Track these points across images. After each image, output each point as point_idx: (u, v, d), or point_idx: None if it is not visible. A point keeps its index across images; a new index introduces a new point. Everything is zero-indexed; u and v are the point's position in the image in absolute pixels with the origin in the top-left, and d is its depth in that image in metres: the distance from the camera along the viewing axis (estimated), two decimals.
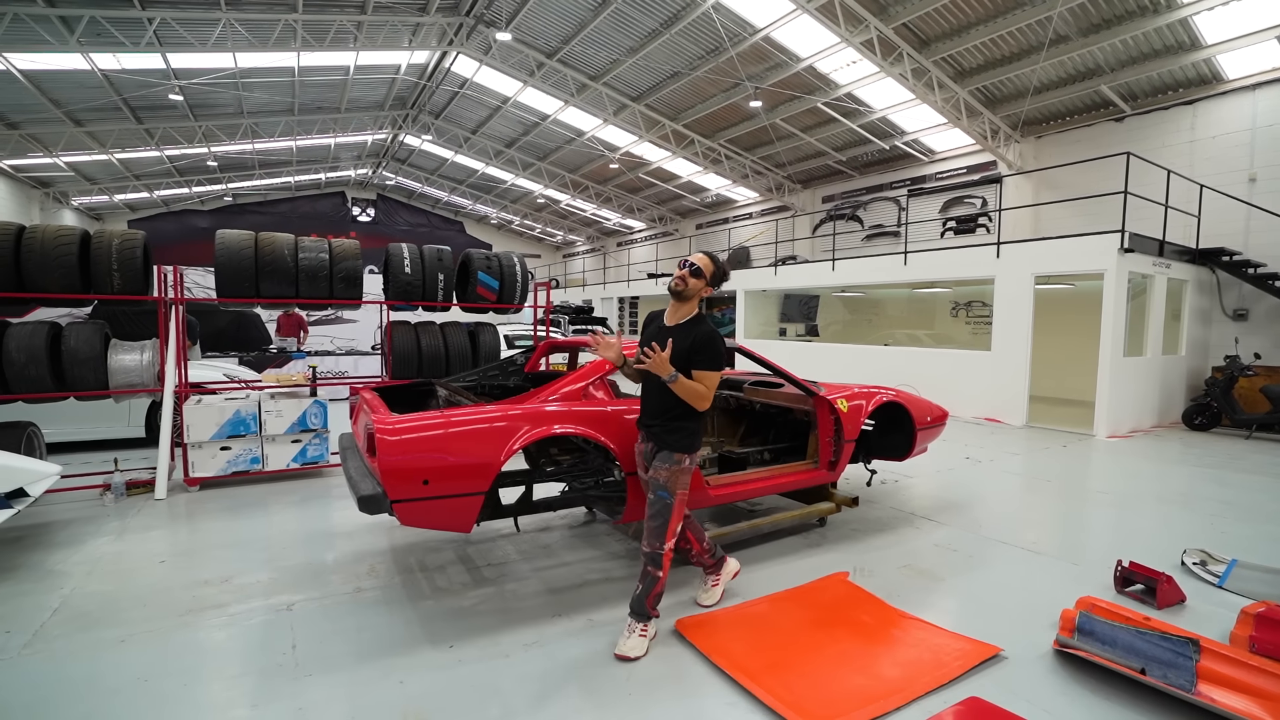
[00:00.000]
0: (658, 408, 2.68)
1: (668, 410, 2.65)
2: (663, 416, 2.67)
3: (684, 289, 2.66)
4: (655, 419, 2.68)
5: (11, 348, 4.36)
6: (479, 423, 2.73)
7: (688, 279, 2.64)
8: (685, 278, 2.65)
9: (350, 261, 5.36)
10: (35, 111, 13.14)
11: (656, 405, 2.68)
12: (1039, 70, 11.00)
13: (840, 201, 17.27)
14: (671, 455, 2.64)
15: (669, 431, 2.65)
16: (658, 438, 2.67)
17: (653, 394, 2.70)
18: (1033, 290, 9.00)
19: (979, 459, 6.66)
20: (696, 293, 2.67)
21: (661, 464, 2.65)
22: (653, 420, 2.69)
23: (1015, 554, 3.84)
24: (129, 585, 3.25)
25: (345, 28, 11.65)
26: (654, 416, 2.69)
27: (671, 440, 2.64)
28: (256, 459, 5.17)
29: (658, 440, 2.67)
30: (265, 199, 23.19)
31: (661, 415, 2.67)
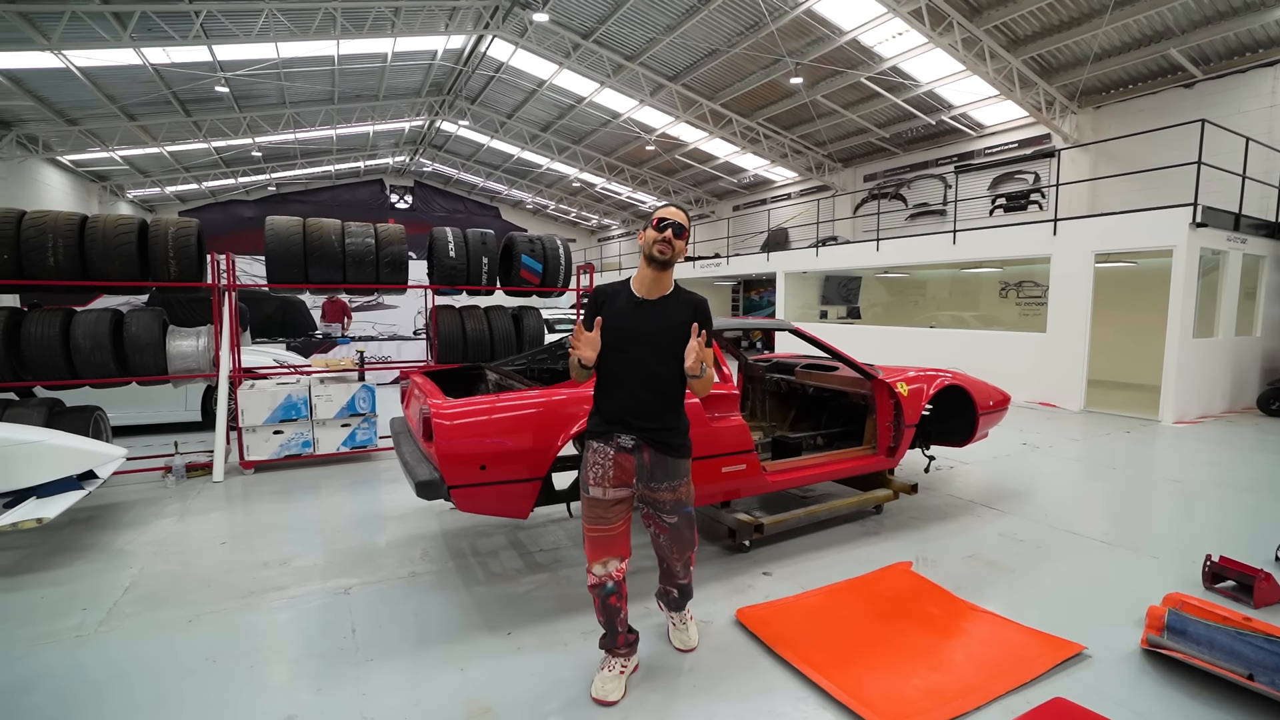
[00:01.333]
0: (655, 405, 2.18)
1: (669, 407, 2.21)
2: (663, 416, 2.20)
3: (670, 255, 2.16)
4: (652, 420, 2.18)
5: (78, 334, 4.50)
6: (536, 407, 2.68)
7: (673, 242, 2.15)
8: (670, 241, 2.14)
9: (396, 246, 5.38)
10: (92, 107, 13.57)
11: (652, 402, 2.18)
12: (1100, 35, 10.37)
13: (883, 180, 16.73)
14: (681, 464, 2.23)
15: (674, 434, 2.22)
16: (660, 443, 2.18)
17: (642, 388, 2.17)
18: (1093, 269, 8.57)
19: (1036, 445, 6.39)
20: (679, 257, 2.19)
21: (675, 479, 2.22)
22: (649, 423, 2.17)
23: (1087, 545, 3.64)
24: (193, 566, 3.33)
25: (383, 14, 11.67)
26: (650, 417, 2.17)
27: (678, 444, 2.22)
28: (308, 443, 5.26)
29: (660, 446, 2.18)
30: (307, 188, 23.72)
31: (661, 414, 2.19)
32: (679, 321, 2.16)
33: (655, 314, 2.17)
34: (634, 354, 2.15)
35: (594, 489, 2.19)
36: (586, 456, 2.22)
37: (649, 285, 2.20)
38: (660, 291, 2.21)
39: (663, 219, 2.15)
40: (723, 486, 3.19)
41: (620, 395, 2.18)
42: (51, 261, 4.38)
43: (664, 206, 2.20)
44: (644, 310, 2.18)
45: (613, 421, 2.19)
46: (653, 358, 2.15)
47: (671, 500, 2.23)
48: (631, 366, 2.16)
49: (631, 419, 2.17)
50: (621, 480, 2.18)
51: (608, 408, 2.21)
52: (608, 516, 2.18)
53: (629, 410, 2.17)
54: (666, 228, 2.14)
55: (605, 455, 2.19)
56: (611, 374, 2.19)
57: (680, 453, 2.23)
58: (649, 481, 2.20)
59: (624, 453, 2.18)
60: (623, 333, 2.15)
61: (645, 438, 2.18)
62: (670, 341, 2.14)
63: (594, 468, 2.19)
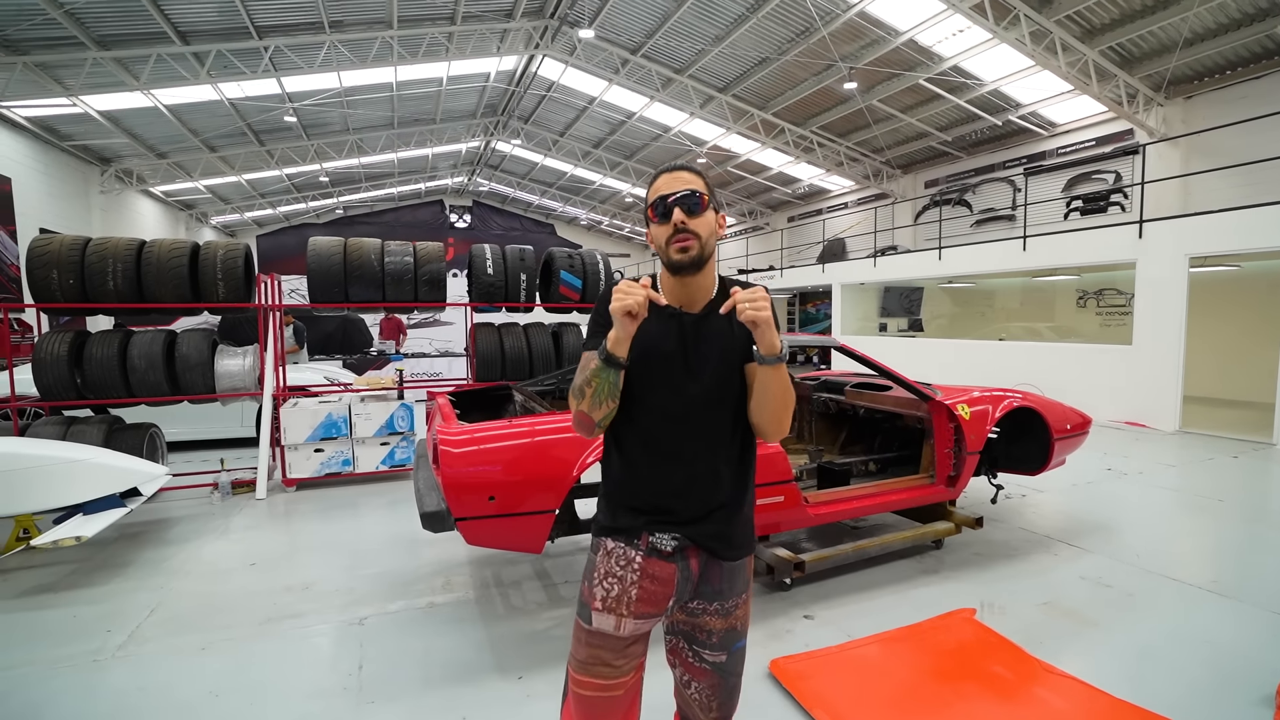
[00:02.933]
0: (711, 480, 1.36)
1: (734, 479, 1.39)
2: (725, 497, 1.37)
3: (698, 248, 1.32)
4: (709, 506, 1.36)
5: (134, 354, 4.67)
6: (548, 433, 2.51)
7: (692, 227, 1.31)
8: (688, 229, 1.31)
9: (434, 264, 5.38)
10: (178, 141, 14.59)
11: (706, 476, 1.36)
12: (1191, 18, 9.51)
13: (946, 185, 15.95)
14: (744, 569, 1.43)
15: (740, 523, 1.41)
16: (720, 540, 1.37)
17: (689, 454, 1.35)
18: (1187, 274, 7.77)
19: (1124, 470, 5.76)
20: (713, 237, 1.37)
21: (733, 596, 1.40)
22: (703, 510, 1.36)
23: (1191, 595, 3.15)
24: (220, 587, 3.32)
25: (437, 39, 12.03)
26: (704, 501, 1.36)
27: (744, 538, 1.42)
28: (348, 461, 5.29)
29: (719, 547, 1.37)
30: (372, 210, 24.77)
31: (722, 494, 1.37)
32: (741, 338, 1.35)
33: (701, 331, 1.36)
34: (673, 398, 1.34)
35: (602, 617, 1.35)
36: (594, 562, 1.40)
37: (682, 293, 1.39)
38: (703, 298, 1.39)
39: (662, 196, 1.32)
40: (758, 520, 2.92)
41: (654, 469, 1.36)
42: (111, 285, 4.56)
43: (660, 173, 1.37)
44: (682, 328, 1.37)
45: (642, 511, 1.36)
46: (705, 402, 1.34)
47: (722, 630, 1.39)
48: (670, 420, 1.34)
49: (675, 506, 1.35)
50: (651, 606, 1.35)
51: (633, 489, 1.38)
52: (616, 665, 1.35)
53: (670, 492, 1.35)
54: (673, 207, 1.31)
55: (628, 564, 1.35)
56: (637, 434, 1.37)
57: (744, 550, 1.42)
58: (691, 600, 1.39)
59: (659, 560, 1.35)
60: (651, 365, 1.33)
61: (696, 535, 1.35)
62: (726, 369, 1.36)
63: (606, 581, 1.36)
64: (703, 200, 1.33)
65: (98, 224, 14.06)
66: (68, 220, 12.79)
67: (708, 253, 1.35)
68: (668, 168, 1.38)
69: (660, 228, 1.35)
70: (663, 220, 1.34)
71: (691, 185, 1.34)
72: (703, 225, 1.33)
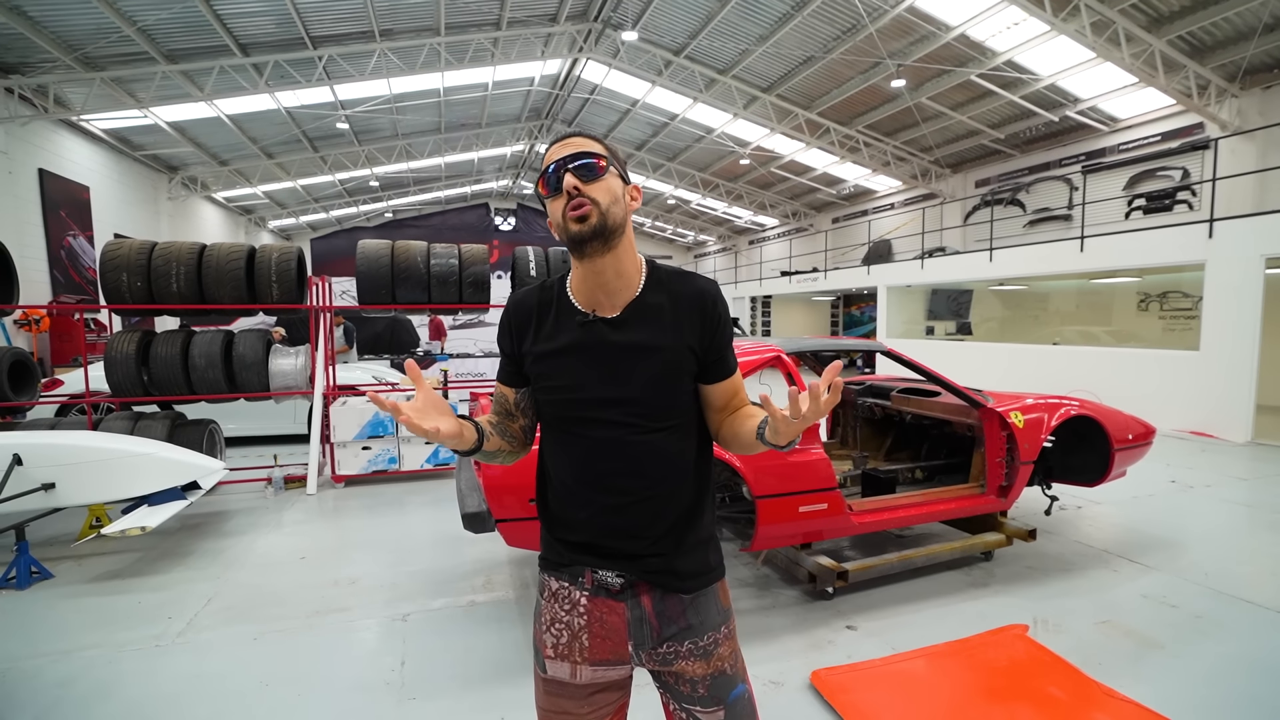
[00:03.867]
0: (651, 507, 1.16)
1: (679, 503, 1.18)
2: (670, 525, 1.17)
3: (597, 217, 1.09)
4: (650, 535, 1.16)
5: (195, 354, 4.90)
6: None
7: (588, 192, 1.10)
8: (584, 194, 1.10)
9: (478, 267, 5.48)
10: (239, 149, 15.29)
11: (645, 503, 1.15)
12: (1271, 2, 8.93)
13: (997, 185, 15.39)
14: (712, 598, 1.21)
15: (693, 549, 1.19)
16: (668, 573, 1.17)
17: (623, 480, 1.15)
18: (1263, 275, 7.30)
19: (1190, 483, 5.44)
20: (619, 207, 1.13)
21: (705, 630, 1.18)
22: (645, 543, 1.16)
23: (1266, 618, 2.95)
24: (272, 579, 3.44)
25: (483, 45, 12.27)
26: (644, 531, 1.16)
27: (700, 562, 1.20)
28: (394, 459, 5.43)
29: (668, 579, 1.17)
30: (420, 213, 25.42)
31: (666, 522, 1.17)
32: (671, 341, 1.14)
33: (626, 339, 1.14)
34: (597, 426, 1.13)
35: (556, 665, 1.19)
36: (540, 605, 1.25)
37: (596, 287, 1.15)
38: (623, 293, 1.16)
39: (551, 163, 1.13)
40: (801, 528, 2.88)
41: (586, 499, 1.16)
42: (174, 287, 4.80)
43: (550, 145, 1.18)
44: (597, 335, 1.14)
45: (580, 548, 1.19)
46: (635, 422, 1.12)
47: (707, 676, 1.18)
48: (598, 448, 1.14)
49: (616, 540, 1.16)
50: (608, 652, 1.18)
51: (567, 521, 1.20)
52: (581, 714, 1.20)
53: (604, 524, 1.16)
54: (563, 174, 1.11)
55: (573, 606, 1.19)
56: (564, 460, 1.18)
57: (707, 575, 1.21)
58: (656, 645, 1.18)
59: (608, 598, 1.18)
60: (562, 387, 1.15)
61: (646, 570, 1.16)
62: (665, 384, 1.14)
63: (554, 627, 1.20)
64: (598, 162, 1.13)
65: (165, 229, 14.85)
66: (139, 226, 13.55)
67: (612, 222, 1.11)
68: (557, 137, 1.18)
69: (554, 201, 1.14)
70: (555, 192, 1.14)
71: (584, 148, 1.14)
72: (601, 190, 1.11)
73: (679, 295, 1.18)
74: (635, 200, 1.20)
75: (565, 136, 1.18)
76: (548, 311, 1.20)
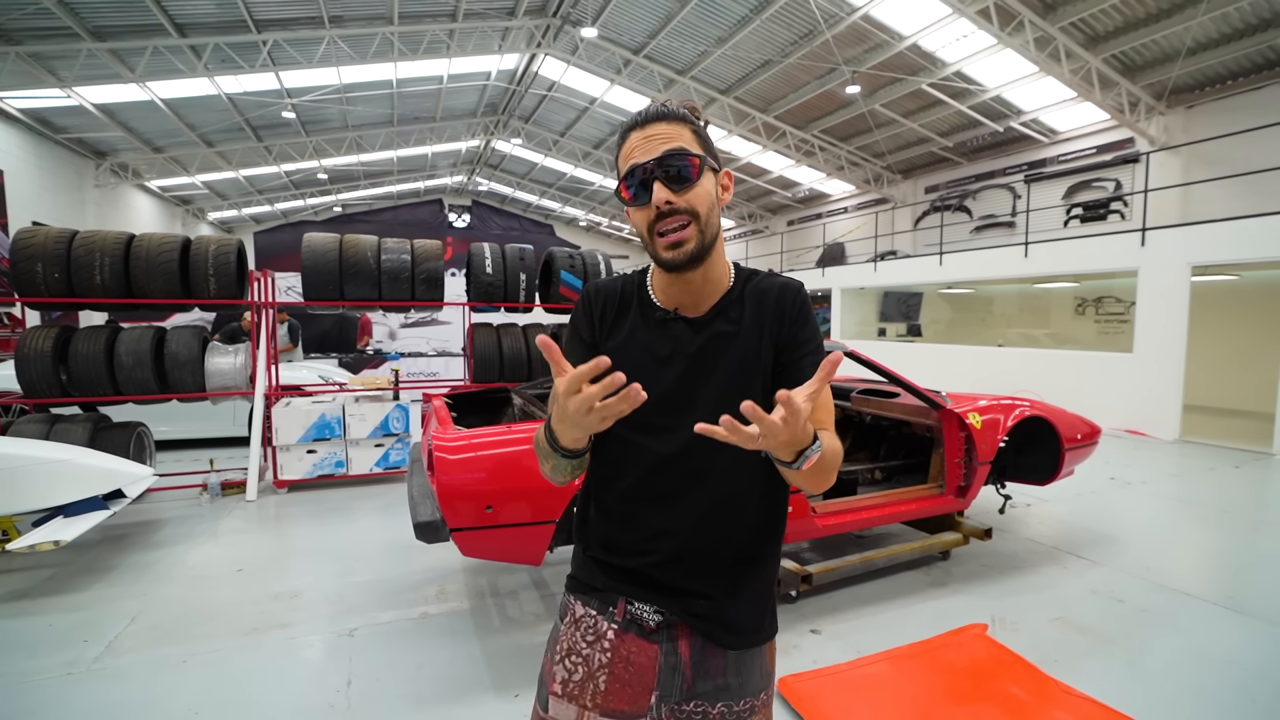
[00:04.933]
0: (718, 539, 1.01)
1: (749, 539, 1.04)
2: (734, 561, 1.03)
3: (698, 236, 0.96)
4: (711, 573, 1.01)
5: (121, 351, 4.55)
6: None
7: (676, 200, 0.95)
8: (671, 203, 0.94)
9: (432, 263, 5.28)
10: (175, 136, 14.43)
11: (712, 533, 1.01)
12: (1194, 28, 9.48)
13: (946, 191, 15.92)
14: (760, 657, 1.06)
15: (752, 599, 1.04)
16: (720, 622, 1.02)
17: (689, 503, 1.01)
18: (1189, 282, 7.73)
19: (1128, 480, 5.69)
20: (716, 211, 1.01)
21: (745, 695, 1.03)
22: (703, 579, 1.01)
23: (1207, 611, 3.06)
24: (205, 595, 3.20)
25: (438, 36, 11.93)
26: (704, 567, 1.01)
27: (756, 614, 1.05)
28: (341, 462, 5.18)
29: (719, 629, 1.02)
30: (370, 208, 24.61)
31: (731, 558, 1.02)
32: (753, 345, 1.01)
33: (708, 340, 1.02)
34: (666, 433, 0.98)
35: (561, 706, 1.04)
36: (559, 630, 1.09)
37: (682, 290, 1.03)
38: (710, 294, 1.04)
39: (635, 166, 0.95)
40: None
41: (638, 518, 1.02)
42: (98, 280, 4.45)
43: (629, 130, 0.99)
44: (679, 337, 1.02)
45: (619, 574, 1.04)
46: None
47: None
48: (662, 460, 1.00)
49: (664, 570, 1.01)
50: (624, 701, 1.02)
51: (609, 540, 1.06)
52: None
53: (653, 549, 1.01)
54: (652, 180, 0.94)
55: (597, 639, 1.04)
56: (618, 471, 1.03)
57: (759, 633, 1.05)
58: (686, 701, 1.02)
59: (639, 637, 1.02)
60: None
61: (690, 612, 1.01)
62: (753, 394, 0.90)
63: (570, 659, 1.05)
64: (693, 163, 0.94)
65: (92, 218, 13.89)
66: (61, 214, 12.62)
67: (710, 237, 0.97)
68: (638, 120, 0.98)
69: (640, 211, 0.97)
70: (640, 199, 0.96)
71: (675, 141, 0.95)
72: (699, 198, 0.95)
73: (763, 294, 1.05)
74: (728, 191, 1.06)
75: (646, 120, 0.98)
76: (629, 304, 1.07)
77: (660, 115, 0.98)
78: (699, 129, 1.01)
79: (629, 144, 0.98)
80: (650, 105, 1.00)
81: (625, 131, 1.00)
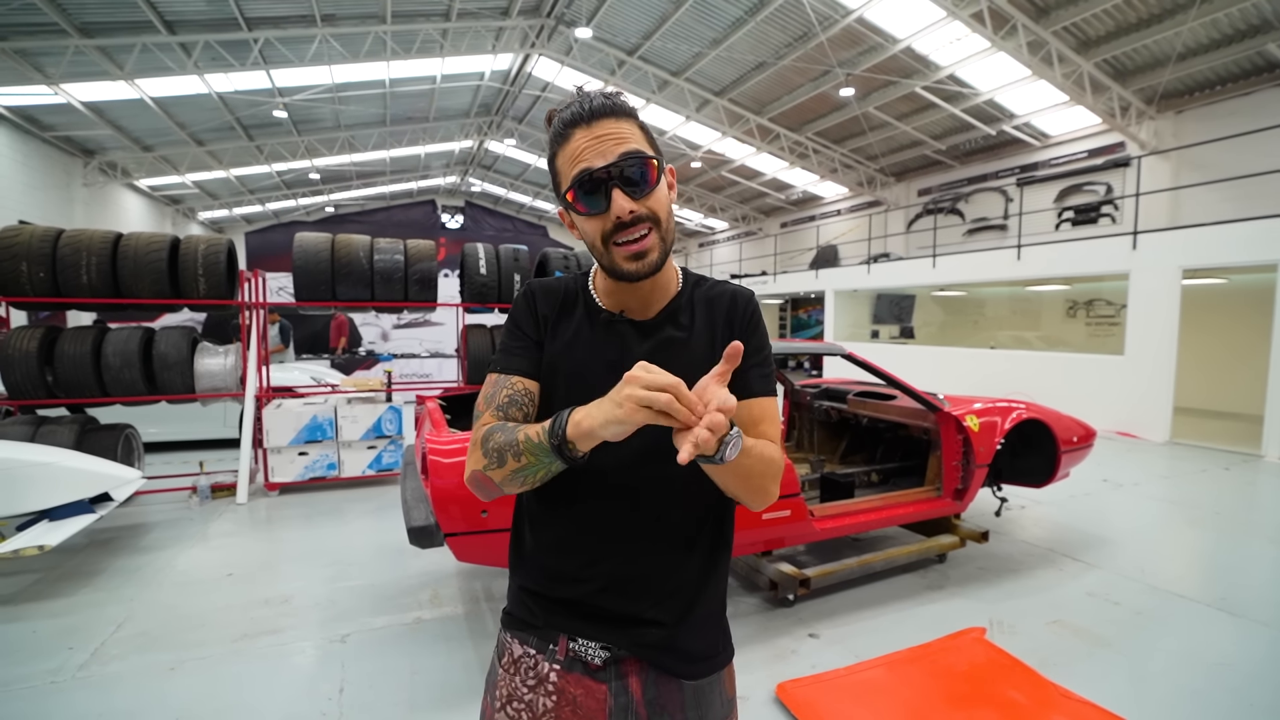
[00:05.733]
0: (664, 565, 0.95)
1: (696, 564, 0.97)
2: (681, 588, 0.96)
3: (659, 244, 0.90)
4: (657, 601, 0.94)
5: (109, 352, 4.48)
6: None
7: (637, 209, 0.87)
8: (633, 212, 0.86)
9: (425, 263, 5.23)
10: (165, 135, 14.28)
11: (657, 559, 0.95)
12: (1184, 33, 9.57)
13: (938, 194, 16.00)
14: (717, 685, 0.99)
15: (702, 625, 0.97)
16: (672, 651, 0.94)
17: (633, 526, 0.94)
18: (1179, 286, 7.79)
19: (1120, 481, 5.71)
20: (671, 215, 0.94)
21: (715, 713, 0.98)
22: (649, 608, 0.93)
23: (1202, 614, 3.07)
24: (193, 600, 3.14)
25: (431, 36, 11.87)
26: (649, 594, 0.94)
27: (710, 639, 0.99)
28: (333, 465, 5.12)
29: (671, 659, 0.94)
30: (363, 209, 24.47)
31: (677, 585, 0.95)
32: (701, 351, 0.97)
33: (656, 347, 0.97)
34: (609, 445, 0.80)
35: None
36: (496, 671, 1.01)
37: (629, 296, 0.98)
38: (658, 299, 0.99)
39: (586, 171, 0.86)
40: (763, 535, 2.82)
41: (577, 542, 0.95)
42: (85, 279, 4.37)
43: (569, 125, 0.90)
44: (626, 342, 0.97)
45: (557, 606, 0.96)
46: (660, 450, 0.80)
47: None
48: (605, 475, 0.92)
49: (607, 598, 0.94)
50: None
51: (547, 569, 0.98)
52: None
53: (600, 576, 0.94)
54: (610, 186, 0.86)
55: (539, 682, 0.95)
56: (553, 491, 0.93)
57: (716, 658, 0.99)
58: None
59: (584, 677, 0.94)
60: (576, 395, 0.85)
61: (635, 643, 0.94)
62: None
63: (511, 706, 0.96)
64: (651, 166, 0.86)
65: (80, 218, 13.73)
66: (49, 214, 12.46)
67: (670, 242, 0.92)
68: (583, 114, 0.87)
69: (591, 219, 0.88)
70: (595, 208, 0.87)
71: (628, 142, 0.86)
72: (659, 203, 0.88)
73: (711, 301, 1.01)
74: (673, 189, 0.96)
75: (590, 115, 0.87)
76: (572, 304, 1.01)
77: (608, 110, 0.88)
78: (642, 123, 0.93)
79: (574, 143, 0.88)
80: (591, 96, 0.90)
81: (566, 127, 0.89)
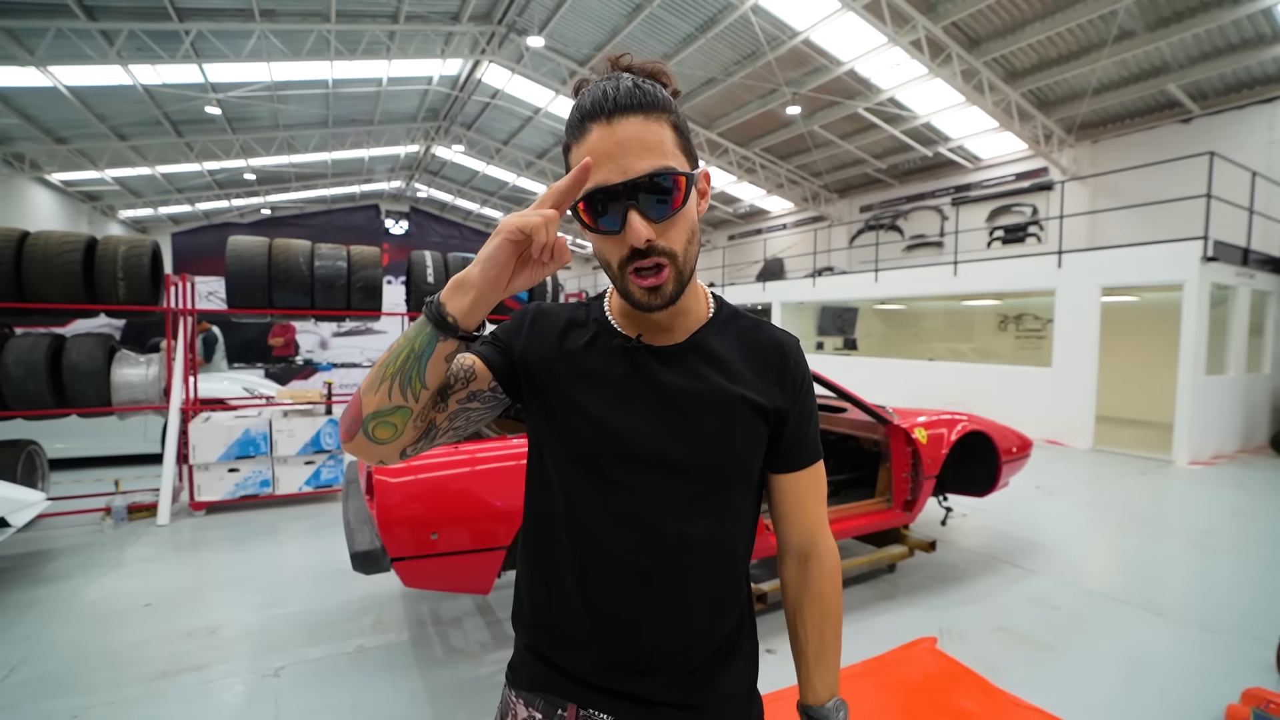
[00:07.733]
0: (687, 623, 0.81)
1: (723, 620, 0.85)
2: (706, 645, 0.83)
3: (675, 277, 0.76)
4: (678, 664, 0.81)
5: (10, 361, 4.09)
6: (499, 459, 2.29)
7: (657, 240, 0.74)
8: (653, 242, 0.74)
9: (369, 270, 5.03)
10: (81, 127, 13.33)
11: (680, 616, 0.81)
12: (1098, 70, 10.30)
13: (879, 211, 16.63)
14: None
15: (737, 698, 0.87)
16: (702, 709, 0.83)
17: (653, 579, 0.79)
18: (1099, 302, 8.31)
19: (1051, 488, 6.00)
20: (696, 240, 0.81)
21: None
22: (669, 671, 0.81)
23: (1132, 616, 3.22)
24: (104, 635, 2.87)
25: (378, 37, 11.55)
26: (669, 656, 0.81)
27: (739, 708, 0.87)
28: (267, 482, 4.82)
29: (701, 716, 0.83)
30: (302, 212, 23.49)
31: (701, 643, 0.82)
32: (740, 394, 0.83)
33: (680, 377, 0.83)
34: (624, 491, 0.79)
35: None
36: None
37: (647, 319, 0.84)
38: (680, 324, 0.86)
39: (602, 189, 0.72)
40: None
41: (591, 599, 0.82)
42: None
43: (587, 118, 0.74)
44: (643, 371, 0.83)
45: (568, 669, 0.84)
46: (688, 498, 0.80)
47: None
48: (622, 526, 0.80)
49: (614, 670, 0.82)
50: None
51: (555, 628, 0.86)
52: None
53: (608, 641, 0.82)
54: (628, 208, 0.73)
55: None
56: (563, 540, 0.83)
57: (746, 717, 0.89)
58: None
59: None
60: (587, 433, 0.80)
61: (659, 709, 0.82)
62: (724, 450, 0.82)
63: None
64: (679, 184, 0.72)
65: None
66: None
67: (690, 273, 0.78)
68: (603, 107, 0.72)
69: (607, 240, 0.76)
70: (609, 228, 0.74)
71: (655, 153, 0.72)
72: (681, 231, 0.75)
73: (752, 344, 0.87)
74: (705, 196, 0.83)
75: (615, 110, 0.72)
76: (581, 327, 0.87)
77: (636, 104, 0.72)
78: (677, 119, 0.76)
79: (590, 140, 0.73)
80: (619, 83, 0.74)
81: (584, 120, 0.74)
